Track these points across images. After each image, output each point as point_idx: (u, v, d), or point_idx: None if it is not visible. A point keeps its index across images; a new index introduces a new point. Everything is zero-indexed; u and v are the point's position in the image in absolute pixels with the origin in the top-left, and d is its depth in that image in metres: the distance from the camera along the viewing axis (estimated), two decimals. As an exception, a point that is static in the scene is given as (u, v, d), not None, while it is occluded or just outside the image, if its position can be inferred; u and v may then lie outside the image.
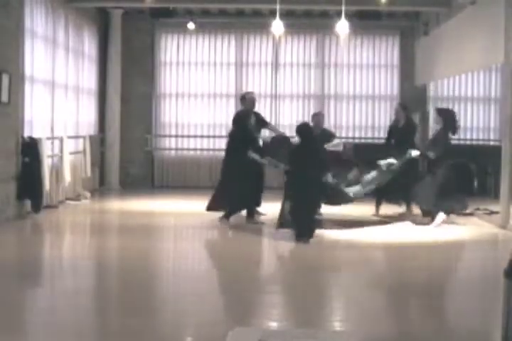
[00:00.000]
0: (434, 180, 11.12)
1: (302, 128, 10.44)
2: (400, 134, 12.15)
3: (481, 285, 7.57)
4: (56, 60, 13.42)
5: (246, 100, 11.77)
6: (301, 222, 9.88)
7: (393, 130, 12.41)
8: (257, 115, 11.84)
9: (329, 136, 12.19)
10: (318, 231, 9.92)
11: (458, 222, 11.49)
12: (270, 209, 11.17)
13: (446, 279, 7.93)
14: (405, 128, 12.18)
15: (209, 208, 11.54)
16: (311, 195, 9.99)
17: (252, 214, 11.34)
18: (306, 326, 5.70)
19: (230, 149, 11.57)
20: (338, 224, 11.18)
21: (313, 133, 10.51)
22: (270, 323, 5.96)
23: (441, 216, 11.13)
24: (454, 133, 11.40)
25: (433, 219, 11.20)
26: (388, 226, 11.33)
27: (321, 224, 10.71)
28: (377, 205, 12.27)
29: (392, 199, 12.14)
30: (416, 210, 11.81)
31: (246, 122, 11.40)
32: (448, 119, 11.31)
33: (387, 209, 12.30)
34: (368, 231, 10.88)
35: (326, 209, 11.32)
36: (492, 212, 12.02)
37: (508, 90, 11.17)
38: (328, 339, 5.32)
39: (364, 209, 12.45)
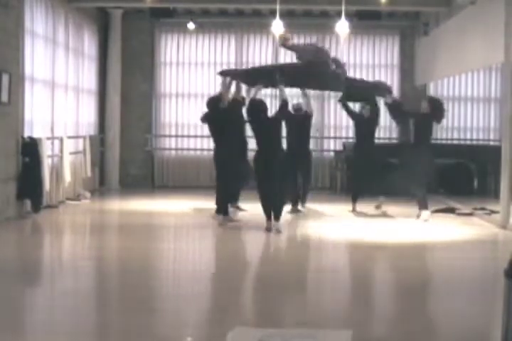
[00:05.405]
0: (412, 167, 11.58)
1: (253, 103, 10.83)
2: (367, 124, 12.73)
3: (480, 286, 7.56)
4: (56, 59, 13.42)
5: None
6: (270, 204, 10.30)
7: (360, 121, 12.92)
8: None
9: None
10: (314, 232, 9.91)
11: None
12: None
13: (446, 279, 7.92)
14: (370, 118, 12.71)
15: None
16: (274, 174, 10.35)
17: (227, 210, 11.09)
18: (306, 326, 5.70)
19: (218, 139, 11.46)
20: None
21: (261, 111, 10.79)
22: (270, 323, 5.95)
23: (426, 212, 11.65)
24: (439, 121, 12.11)
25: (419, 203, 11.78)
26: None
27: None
28: (354, 202, 12.53)
29: (368, 194, 12.57)
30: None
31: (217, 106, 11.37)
32: (436, 108, 11.85)
33: (365, 205, 12.56)
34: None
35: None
36: (492, 212, 12.02)
37: (508, 90, 11.16)
38: (328, 339, 5.32)
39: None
